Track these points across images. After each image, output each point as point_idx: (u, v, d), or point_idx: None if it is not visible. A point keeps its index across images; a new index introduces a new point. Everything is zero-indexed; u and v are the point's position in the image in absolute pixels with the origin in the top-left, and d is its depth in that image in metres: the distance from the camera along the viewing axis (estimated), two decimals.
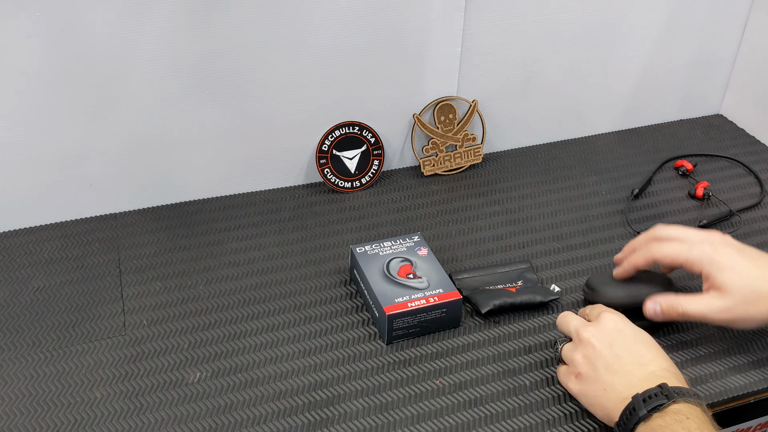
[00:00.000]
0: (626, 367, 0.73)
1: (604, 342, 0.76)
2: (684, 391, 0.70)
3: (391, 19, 1.05)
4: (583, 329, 0.78)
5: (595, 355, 0.75)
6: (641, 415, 0.69)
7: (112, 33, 0.93)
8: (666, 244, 0.84)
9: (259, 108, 1.06)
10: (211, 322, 0.90)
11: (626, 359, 0.74)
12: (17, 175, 1.00)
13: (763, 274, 0.78)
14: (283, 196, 1.13)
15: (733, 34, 1.30)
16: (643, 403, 0.69)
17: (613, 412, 0.72)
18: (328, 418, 0.79)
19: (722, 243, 0.81)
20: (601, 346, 0.75)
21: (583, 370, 0.76)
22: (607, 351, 0.75)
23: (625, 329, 0.77)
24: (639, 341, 0.76)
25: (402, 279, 0.90)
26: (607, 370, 0.74)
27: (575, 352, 0.78)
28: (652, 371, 0.72)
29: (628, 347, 0.75)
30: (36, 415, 0.78)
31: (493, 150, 1.25)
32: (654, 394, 0.69)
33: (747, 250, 0.81)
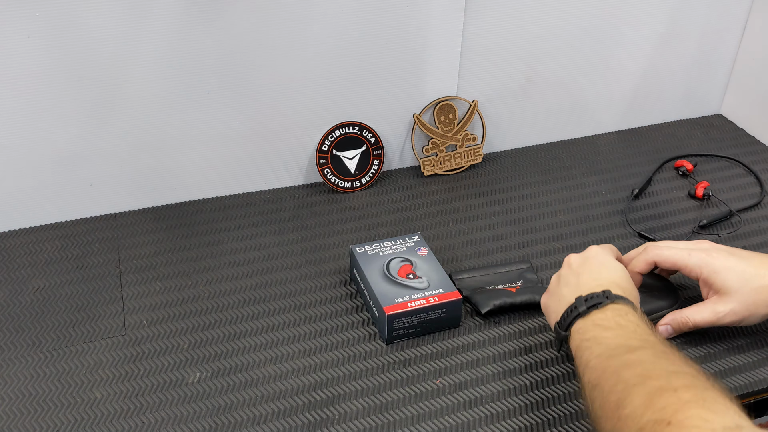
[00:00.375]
0: (581, 281, 0.79)
1: (574, 264, 0.82)
2: (627, 300, 0.74)
3: (392, 20, 1.05)
4: (571, 256, 0.84)
5: (563, 273, 0.82)
6: (580, 310, 0.74)
7: (112, 33, 0.93)
8: (665, 248, 0.86)
9: (259, 108, 1.06)
10: (211, 322, 0.90)
11: (584, 276, 0.79)
12: (17, 175, 1.00)
13: (758, 272, 0.80)
14: (283, 196, 1.13)
15: (733, 34, 1.30)
16: (584, 302, 0.75)
17: (556, 315, 0.79)
18: (328, 418, 0.79)
19: (713, 248, 0.84)
20: (569, 266, 0.82)
21: (550, 287, 0.83)
22: (572, 269, 0.81)
23: (599, 256, 0.82)
24: (605, 265, 0.80)
25: (402, 279, 0.90)
26: (565, 285, 0.80)
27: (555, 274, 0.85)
28: (601, 284, 0.77)
29: (591, 267, 0.80)
30: (36, 415, 0.78)
31: (493, 150, 1.25)
32: (596, 295, 0.75)
33: (737, 251, 0.84)
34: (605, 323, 0.72)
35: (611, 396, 0.63)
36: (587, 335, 0.72)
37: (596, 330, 0.72)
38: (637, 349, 0.67)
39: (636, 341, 0.68)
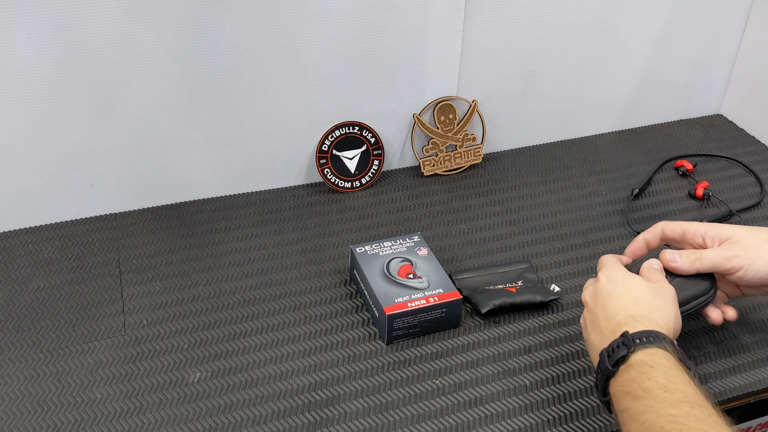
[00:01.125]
0: (601, 324, 0.74)
1: (590, 302, 0.78)
2: (645, 335, 0.69)
3: (392, 20, 1.05)
4: (585, 288, 0.80)
5: (587, 314, 0.78)
6: (609, 372, 0.69)
7: (113, 33, 0.93)
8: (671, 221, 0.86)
9: (259, 108, 1.06)
10: (211, 322, 0.90)
11: (601, 316, 0.75)
12: (17, 175, 1.00)
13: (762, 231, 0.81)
14: (283, 196, 1.13)
15: (733, 34, 1.30)
16: (607, 358, 0.69)
17: None
18: (328, 418, 0.79)
19: None
20: (587, 307, 0.78)
21: (584, 333, 0.79)
22: (590, 310, 0.77)
23: (606, 285, 0.77)
24: (614, 295, 0.75)
25: (402, 279, 0.90)
26: (592, 329, 0.76)
27: None
28: (618, 321, 0.72)
29: (604, 303, 0.75)
30: (36, 415, 0.78)
31: (493, 150, 1.25)
32: (616, 346, 0.69)
33: None
34: (633, 390, 0.66)
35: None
36: (621, 405, 0.67)
37: (626, 400, 0.66)
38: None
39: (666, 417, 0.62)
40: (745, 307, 0.94)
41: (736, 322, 0.91)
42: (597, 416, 0.79)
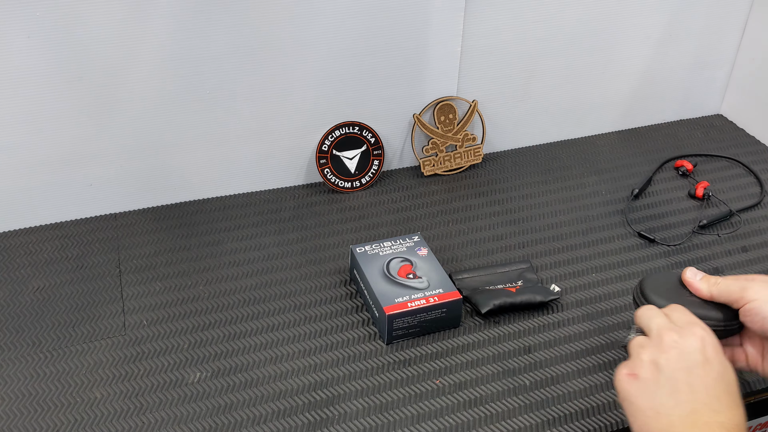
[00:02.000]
0: (695, 404, 0.62)
1: (684, 359, 0.64)
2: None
3: (392, 20, 1.05)
4: (667, 332, 0.66)
5: (668, 368, 0.64)
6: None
7: (113, 33, 0.93)
8: None
9: (259, 108, 1.06)
10: (211, 322, 0.90)
11: (700, 396, 0.62)
12: (17, 175, 1.00)
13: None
14: (283, 196, 1.13)
15: (733, 34, 1.30)
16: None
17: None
18: (328, 418, 0.79)
19: None
20: (678, 362, 0.64)
21: (644, 376, 0.64)
22: (683, 373, 0.63)
23: (714, 359, 0.64)
24: (722, 381, 0.63)
25: (402, 279, 0.90)
26: (671, 394, 0.62)
27: (645, 351, 0.66)
28: (721, 422, 0.61)
29: (707, 384, 0.63)
30: (36, 415, 0.78)
31: (493, 150, 1.25)
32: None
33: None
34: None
35: None
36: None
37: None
38: None
39: None
40: None
41: None
42: (597, 416, 0.79)
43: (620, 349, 0.85)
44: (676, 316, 0.69)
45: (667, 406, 0.62)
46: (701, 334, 0.65)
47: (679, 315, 0.69)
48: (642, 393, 0.64)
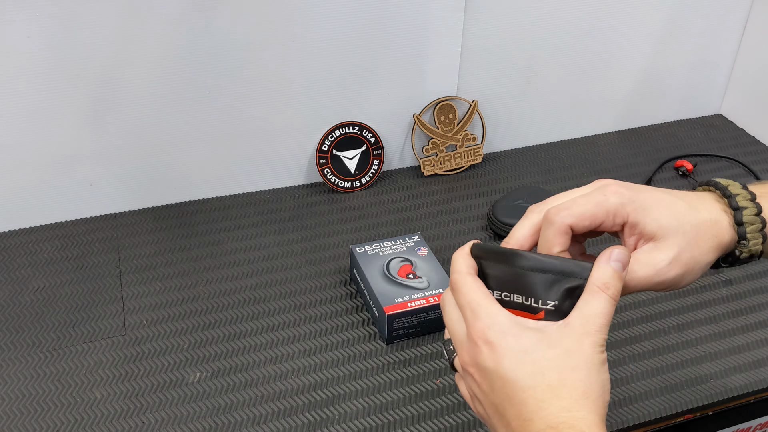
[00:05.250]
0: (512, 425, 0.50)
1: (481, 375, 0.52)
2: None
3: (392, 19, 1.05)
4: (459, 350, 0.54)
5: (480, 395, 0.53)
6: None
7: (113, 33, 0.93)
8: (567, 207, 0.57)
9: (259, 108, 1.06)
10: (211, 322, 0.90)
11: (509, 411, 0.50)
12: (17, 175, 1.00)
13: (691, 204, 0.57)
14: (283, 196, 1.13)
15: (733, 34, 1.30)
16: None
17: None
18: (328, 418, 0.79)
19: (622, 183, 0.58)
20: (481, 384, 0.52)
21: (478, 410, 0.55)
22: (488, 395, 0.52)
23: (505, 357, 0.50)
24: (519, 373, 0.49)
25: (402, 279, 0.90)
26: (498, 422, 0.52)
27: (460, 382, 0.56)
28: (540, 430, 0.48)
29: (506, 392, 0.50)
30: (36, 415, 0.78)
31: (493, 150, 1.25)
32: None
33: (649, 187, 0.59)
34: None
35: None
36: None
37: None
38: None
39: None
40: (745, 307, 0.94)
41: (736, 322, 0.91)
42: None
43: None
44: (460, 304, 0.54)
45: None
46: (483, 339, 0.51)
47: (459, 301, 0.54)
48: (489, 425, 0.54)
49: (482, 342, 0.51)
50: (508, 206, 1.05)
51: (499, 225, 1.03)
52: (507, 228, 1.02)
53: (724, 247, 0.57)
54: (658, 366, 0.85)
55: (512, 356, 0.50)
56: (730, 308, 0.94)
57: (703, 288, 0.96)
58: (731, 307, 0.94)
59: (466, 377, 0.54)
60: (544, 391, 0.48)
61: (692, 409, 0.81)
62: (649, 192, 0.57)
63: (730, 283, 0.97)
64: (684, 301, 0.94)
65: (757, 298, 0.95)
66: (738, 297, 0.95)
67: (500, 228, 1.03)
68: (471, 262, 0.57)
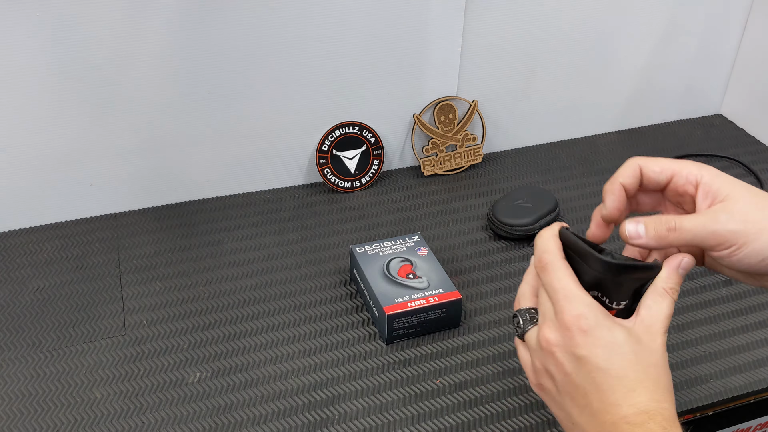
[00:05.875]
0: (593, 406, 0.54)
1: (568, 358, 0.55)
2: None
3: (391, 19, 1.05)
4: (544, 328, 0.57)
5: (558, 374, 0.57)
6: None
7: (113, 33, 0.93)
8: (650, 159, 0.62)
9: (259, 108, 1.06)
10: (211, 322, 0.90)
11: (593, 397, 0.54)
12: (17, 175, 1.00)
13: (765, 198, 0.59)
14: (283, 196, 1.13)
15: (733, 33, 1.30)
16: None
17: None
18: (328, 418, 0.79)
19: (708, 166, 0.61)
20: (564, 365, 0.56)
21: (547, 386, 0.58)
22: (574, 376, 0.55)
23: (596, 345, 0.55)
24: (614, 362, 0.54)
25: (402, 279, 0.90)
26: (572, 402, 0.56)
27: (535, 356, 0.59)
28: (625, 416, 0.53)
29: (594, 377, 0.54)
30: (36, 415, 0.78)
31: (493, 150, 1.25)
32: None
33: None
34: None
35: None
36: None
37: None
38: None
39: None
40: (745, 307, 0.94)
41: (736, 322, 0.91)
42: None
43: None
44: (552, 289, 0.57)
45: (574, 415, 0.56)
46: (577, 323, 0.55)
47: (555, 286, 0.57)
48: (552, 404, 0.59)
49: (576, 329, 0.55)
50: (508, 206, 1.05)
51: (499, 225, 1.03)
52: (507, 228, 1.03)
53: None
54: None
55: (605, 347, 0.54)
56: (730, 308, 0.94)
57: (703, 288, 0.97)
58: (731, 307, 0.94)
59: (544, 354, 0.57)
60: (633, 381, 0.53)
61: (692, 409, 0.81)
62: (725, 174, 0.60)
63: (730, 283, 0.97)
64: (684, 301, 0.94)
65: (757, 298, 0.95)
66: (738, 297, 0.95)
67: (500, 228, 1.03)
68: (560, 244, 0.60)
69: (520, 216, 1.03)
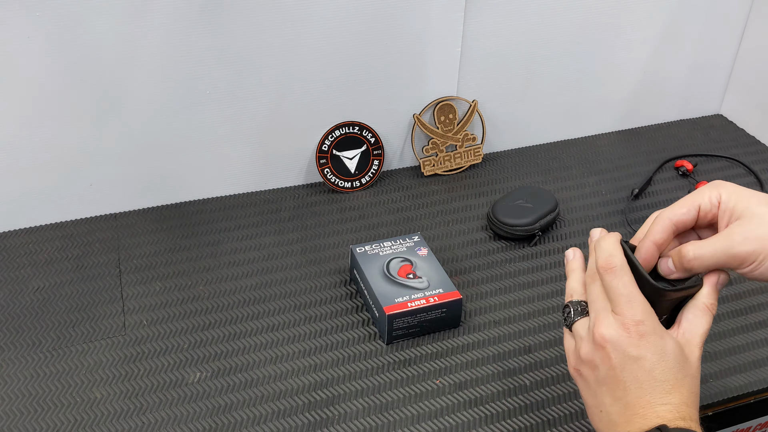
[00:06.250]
0: (628, 399, 0.60)
1: (619, 357, 0.60)
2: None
3: (392, 20, 1.05)
4: (601, 326, 0.62)
5: (604, 365, 0.61)
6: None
7: (113, 34, 0.93)
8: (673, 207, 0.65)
9: (259, 108, 1.06)
10: (211, 322, 0.90)
11: (633, 392, 0.60)
12: (18, 175, 1.00)
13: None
14: (283, 196, 1.13)
15: (733, 34, 1.30)
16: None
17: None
18: (328, 418, 0.79)
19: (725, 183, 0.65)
20: (612, 360, 0.61)
21: (585, 374, 0.63)
22: (619, 371, 0.61)
23: (647, 349, 0.60)
24: (656, 370, 0.60)
25: (402, 279, 0.90)
26: (609, 392, 0.61)
27: (583, 345, 0.63)
28: (656, 411, 0.59)
29: (640, 378, 0.60)
30: (36, 415, 0.78)
31: (493, 150, 1.25)
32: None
33: None
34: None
35: None
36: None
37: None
38: None
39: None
40: (745, 307, 0.94)
41: (736, 322, 0.91)
42: None
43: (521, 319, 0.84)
44: (616, 290, 0.62)
45: (606, 404, 0.62)
46: (637, 326, 0.60)
47: (620, 288, 0.62)
48: (586, 390, 0.64)
49: (635, 332, 0.60)
50: (508, 206, 1.05)
51: (499, 225, 1.03)
52: (507, 228, 1.03)
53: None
54: None
55: (656, 352, 0.60)
56: (730, 308, 0.94)
57: None
58: (731, 307, 0.94)
59: (594, 347, 0.62)
60: (672, 386, 0.60)
61: None
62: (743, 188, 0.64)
63: (730, 283, 0.97)
64: None
65: (757, 298, 0.95)
66: (738, 297, 0.95)
67: (500, 228, 1.03)
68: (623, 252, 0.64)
69: (520, 216, 1.03)
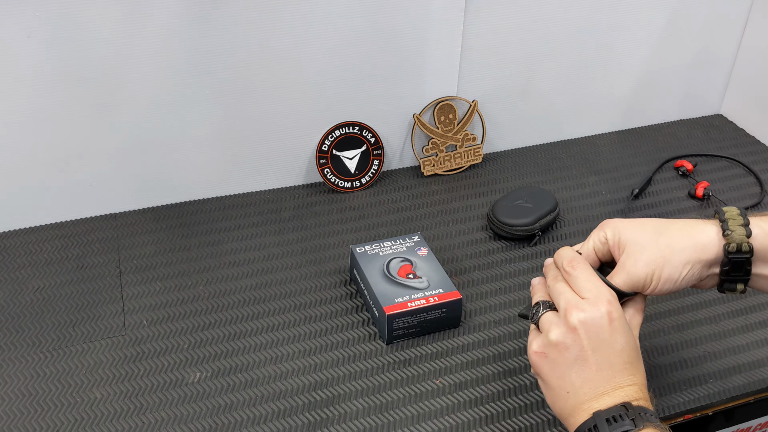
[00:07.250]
0: (599, 381, 0.64)
1: (590, 338, 0.64)
2: (648, 414, 0.62)
3: (391, 19, 1.05)
4: (574, 309, 0.65)
5: (576, 347, 0.64)
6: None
7: (113, 33, 0.93)
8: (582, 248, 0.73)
9: (259, 108, 1.06)
10: (211, 322, 0.90)
11: (605, 373, 0.64)
12: (17, 175, 1.00)
13: (666, 220, 0.71)
14: (283, 196, 1.13)
15: (733, 34, 1.30)
16: (607, 425, 0.61)
17: (570, 419, 0.65)
18: (328, 418, 0.79)
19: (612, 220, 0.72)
20: (585, 341, 0.64)
21: (553, 356, 0.66)
22: (590, 353, 0.64)
23: (619, 333, 0.65)
24: (624, 352, 0.65)
25: (402, 279, 0.90)
26: (579, 374, 0.64)
27: (553, 329, 0.66)
28: (618, 383, 0.64)
29: (612, 361, 0.64)
30: (36, 415, 0.78)
31: (493, 150, 1.25)
32: (619, 416, 0.61)
33: None
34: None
35: None
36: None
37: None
38: None
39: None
40: (745, 307, 0.94)
41: (736, 322, 0.91)
42: None
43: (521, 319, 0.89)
44: (582, 282, 0.67)
45: (575, 385, 0.64)
46: (607, 309, 0.65)
47: (585, 281, 0.67)
48: (552, 372, 0.66)
49: (606, 315, 0.64)
50: (508, 206, 1.05)
51: (499, 225, 1.03)
52: (507, 228, 1.03)
53: (703, 247, 0.68)
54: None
55: (624, 333, 0.65)
56: (730, 308, 0.94)
57: None
58: (731, 307, 0.94)
59: (566, 330, 0.65)
60: (636, 368, 0.65)
61: (692, 409, 0.81)
62: (628, 221, 0.71)
63: None
64: (684, 301, 0.94)
65: (757, 298, 0.95)
66: (738, 297, 0.95)
67: (500, 228, 1.03)
68: None
69: (520, 216, 1.03)
